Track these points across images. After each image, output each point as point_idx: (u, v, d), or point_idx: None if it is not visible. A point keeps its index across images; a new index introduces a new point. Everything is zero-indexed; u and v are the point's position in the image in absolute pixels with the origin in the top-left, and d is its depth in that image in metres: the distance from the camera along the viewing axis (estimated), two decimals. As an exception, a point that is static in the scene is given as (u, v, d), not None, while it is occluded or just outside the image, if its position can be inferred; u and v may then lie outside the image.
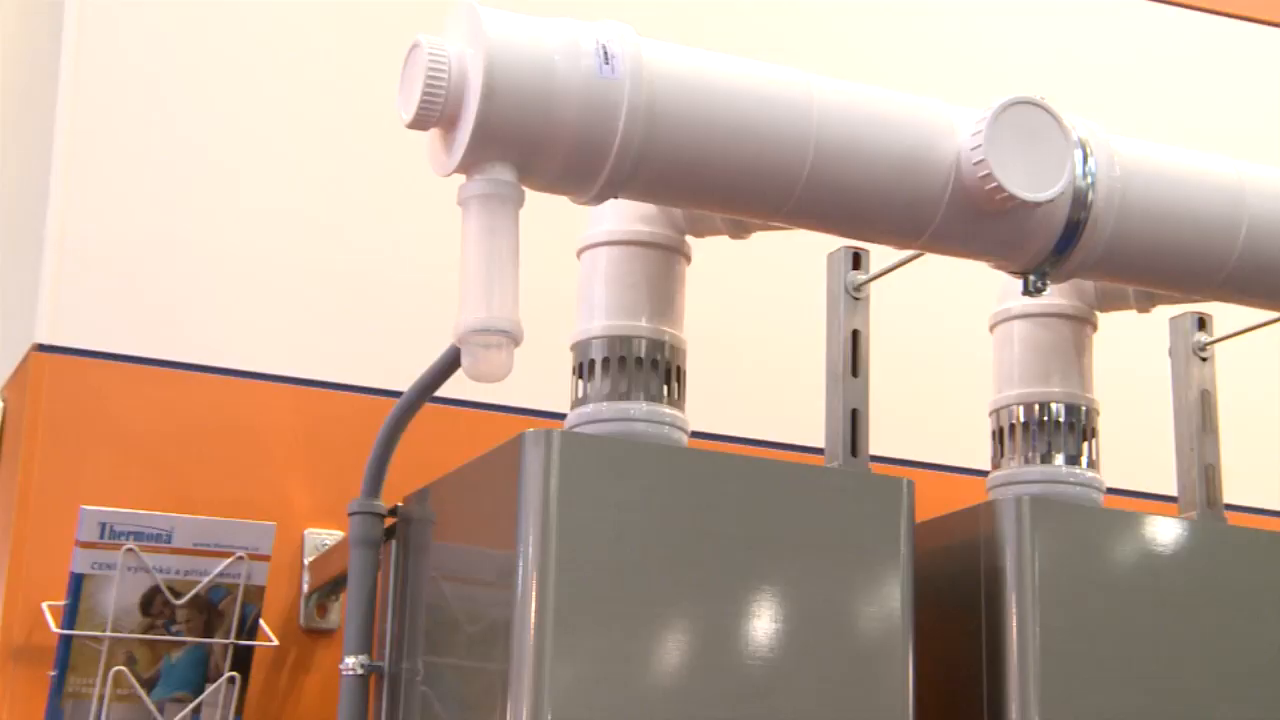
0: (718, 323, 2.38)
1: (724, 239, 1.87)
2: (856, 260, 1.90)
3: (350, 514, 1.92)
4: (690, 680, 1.62)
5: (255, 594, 1.98)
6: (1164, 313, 2.05)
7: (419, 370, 1.88)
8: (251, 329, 2.24)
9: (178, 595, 1.94)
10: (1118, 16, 2.93)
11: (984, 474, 1.98)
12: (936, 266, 1.92)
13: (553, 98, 1.54)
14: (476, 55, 1.53)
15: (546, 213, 1.75)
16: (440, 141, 1.60)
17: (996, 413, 1.97)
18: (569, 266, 1.88)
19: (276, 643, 2.07)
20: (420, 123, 1.57)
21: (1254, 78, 2.99)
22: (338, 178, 2.34)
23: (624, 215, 1.82)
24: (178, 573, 1.94)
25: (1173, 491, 2.06)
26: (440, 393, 1.90)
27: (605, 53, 1.56)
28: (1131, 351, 2.25)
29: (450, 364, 1.80)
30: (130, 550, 1.91)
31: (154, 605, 1.95)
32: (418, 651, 1.82)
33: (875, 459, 1.86)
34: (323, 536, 2.16)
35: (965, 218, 1.69)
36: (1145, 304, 1.97)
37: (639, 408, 1.77)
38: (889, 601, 1.70)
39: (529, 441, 1.63)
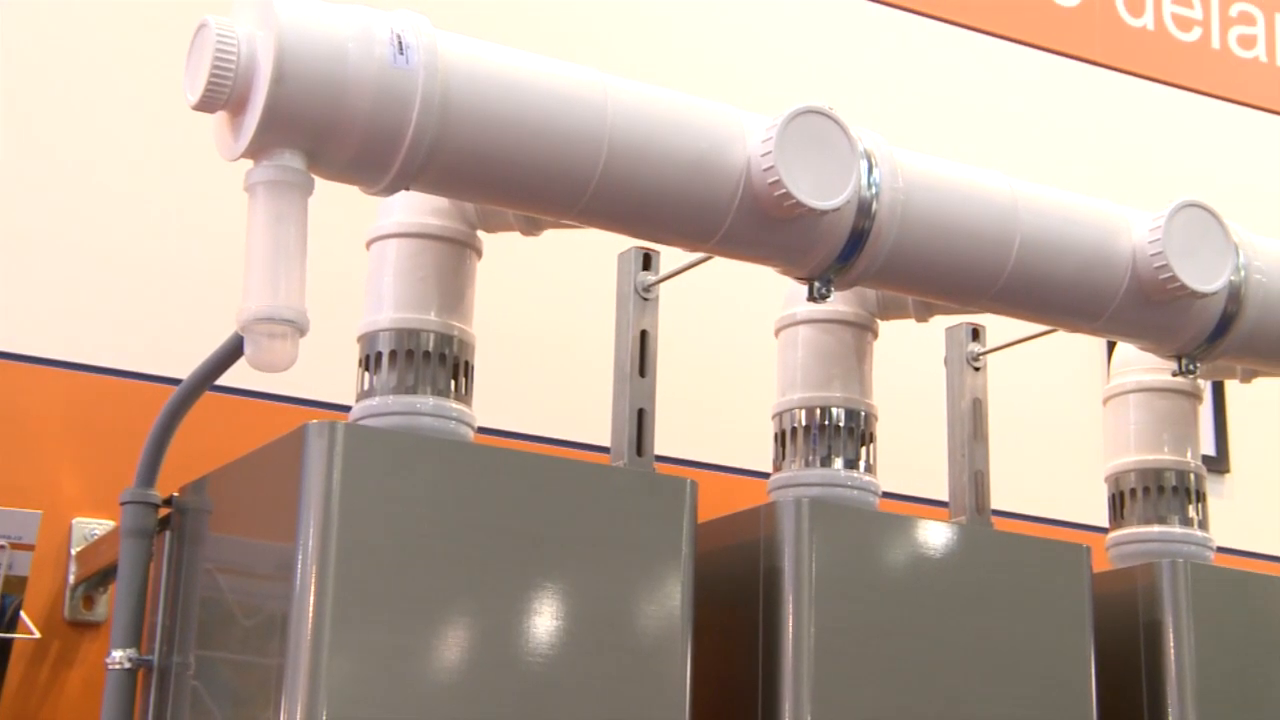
0: (507, 319, 2.38)
1: (516, 235, 1.86)
2: (647, 261, 1.91)
3: (122, 503, 1.87)
4: (470, 677, 1.61)
5: (16, 584, 1.91)
6: (941, 322, 2.11)
7: (199, 357, 1.83)
8: (19, 310, 2.16)
9: (-66, 585, 1.87)
10: (906, 34, 3.02)
11: (766, 476, 2.02)
12: (725, 270, 1.95)
13: (345, 86, 1.52)
14: (267, 38, 1.50)
15: (335, 202, 1.73)
16: (228, 125, 1.56)
17: (779, 416, 2.00)
18: (357, 257, 1.85)
19: (38, 635, 2.00)
20: (206, 105, 1.53)
21: (1038, 103, 3.11)
22: (119, 159, 2.27)
23: (415, 207, 1.80)
24: (-65, 561, 1.87)
25: (944, 496, 2.13)
26: (221, 381, 1.87)
27: (400, 43, 1.55)
28: (909, 359, 2.32)
29: (233, 352, 1.77)
30: (-116, 537, 1.83)
31: (-91, 594, 1.87)
32: (189, 645, 1.78)
33: (660, 459, 1.88)
34: (92, 526, 2.10)
35: (754, 223, 1.72)
36: (924, 313, 2.02)
37: (425, 402, 1.75)
38: (669, 600, 1.72)
39: (312, 433, 1.60)
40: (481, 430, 1.82)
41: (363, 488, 1.60)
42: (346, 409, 1.82)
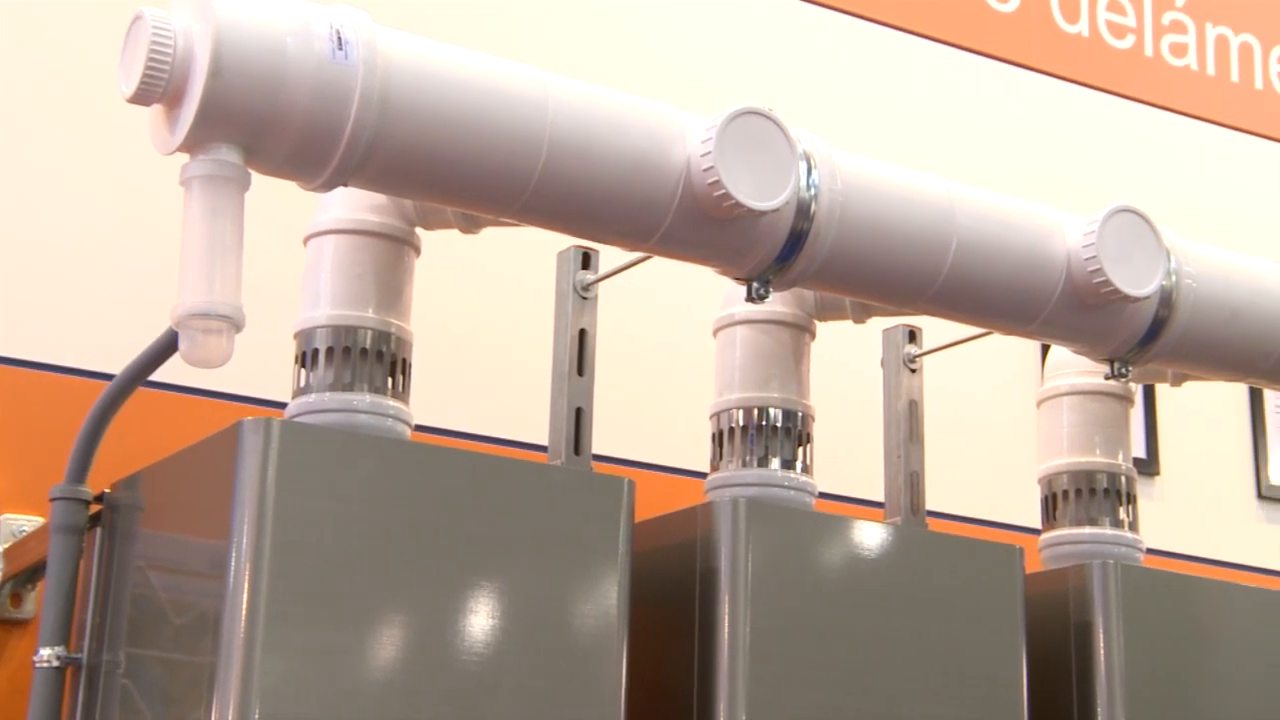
0: (446, 317, 2.37)
1: (455, 233, 1.86)
2: (586, 260, 1.91)
3: (52, 499, 1.84)
4: (405, 676, 1.60)
5: (-56, 582, 1.89)
6: (878, 324, 2.12)
7: (133, 352, 1.81)
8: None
9: None
10: (848, 37, 3.04)
11: (704, 475, 2.02)
12: (664, 270, 1.95)
13: (283, 80, 1.51)
14: (204, 31, 1.49)
15: (272, 197, 1.71)
16: (163, 118, 1.54)
17: (717, 416, 2.01)
18: (294, 253, 1.84)
19: (-35, 633, 1.97)
20: (142, 98, 1.51)
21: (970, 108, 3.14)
22: (51, 151, 2.24)
23: (353, 204, 1.79)
24: None
25: (880, 497, 2.14)
26: (155, 376, 1.85)
27: (339, 38, 1.54)
28: (846, 360, 2.33)
29: (167, 347, 1.75)
30: None
31: None
32: (120, 643, 1.76)
33: (598, 458, 1.88)
34: (20, 522, 2.07)
35: (693, 223, 1.72)
36: (861, 315, 2.03)
37: (362, 399, 1.74)
38: (605, 600, 1.72)
39: (247, 430, 1.59)
40: (419, 428, 1.82)
41: (298, 485, 1.59)
42: (282, 406, 1.81)
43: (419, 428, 1.82)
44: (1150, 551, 2.20)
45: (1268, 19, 3.51)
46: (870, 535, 1.91)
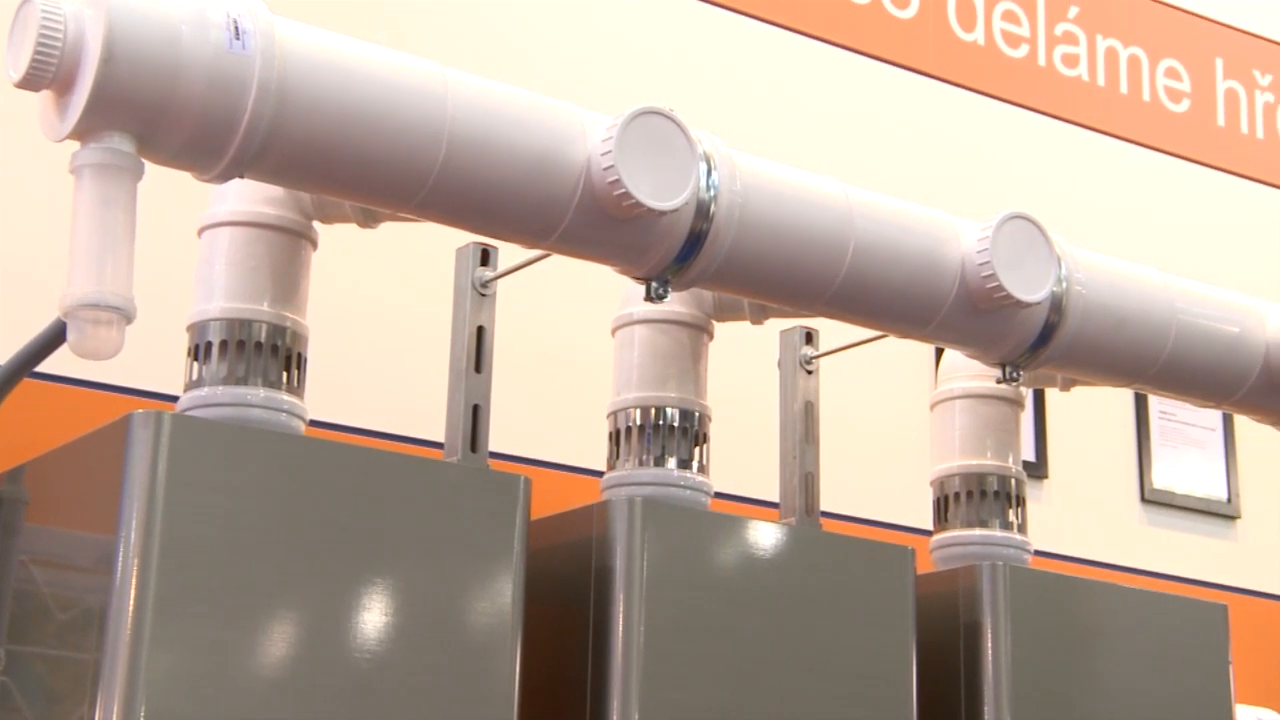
0: (342, 311, 2.35)
1: (353, 227, 1.84)
2: (485, 257, 1.91)
3: (-66, 493, 1.80)
4: (295, 673, 1.59)
5: None
6: (776, 325, 2.13)
7: (19, 342, 1.78)
8: None
9: None
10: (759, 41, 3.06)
11: (600, 474, 2.02)
12: (563, 268, 1.95)
13: (178, 69, 1.49)
14: (96, 17, 1.46)
15: (166, 187, 1.69)
16: (53, 105, 1.51)
17: (614, 415, 2.01)
18: (188, 244, 1.82)
19: None
20: (30, 83, 1.48)
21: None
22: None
23: (249, 196, 1.77)
24: None
25: (775, 497, 2.16)
26: (42, 368, 1.81)
27: (236, 27, 1.52)
28: (743, 361, 2.35)
29: (55, 338, 1.72)
30: None
31: None
32: (0, 639, 1.72)
33: (495, 455, 1.88)
34: (-99, 516, 2.02)
35: (593, 221, 1.72)
36: (759, 316, 2.05)
37: (256, 393, 1.72)
38: (500, 598, 1.71)
39: (137, 423, 1.57)
40: (314, 424, 1.80)
41: (189, 480, 1.57)
42: (174, 399, 1.78)
43: (314, 423, 1.80)
44: (1038, 553, 2.24)
45: (1156, 32, 3.58)
46: (765, 535, 1.92)
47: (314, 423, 1.80)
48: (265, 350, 1.74)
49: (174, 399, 1.78)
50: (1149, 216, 3.45)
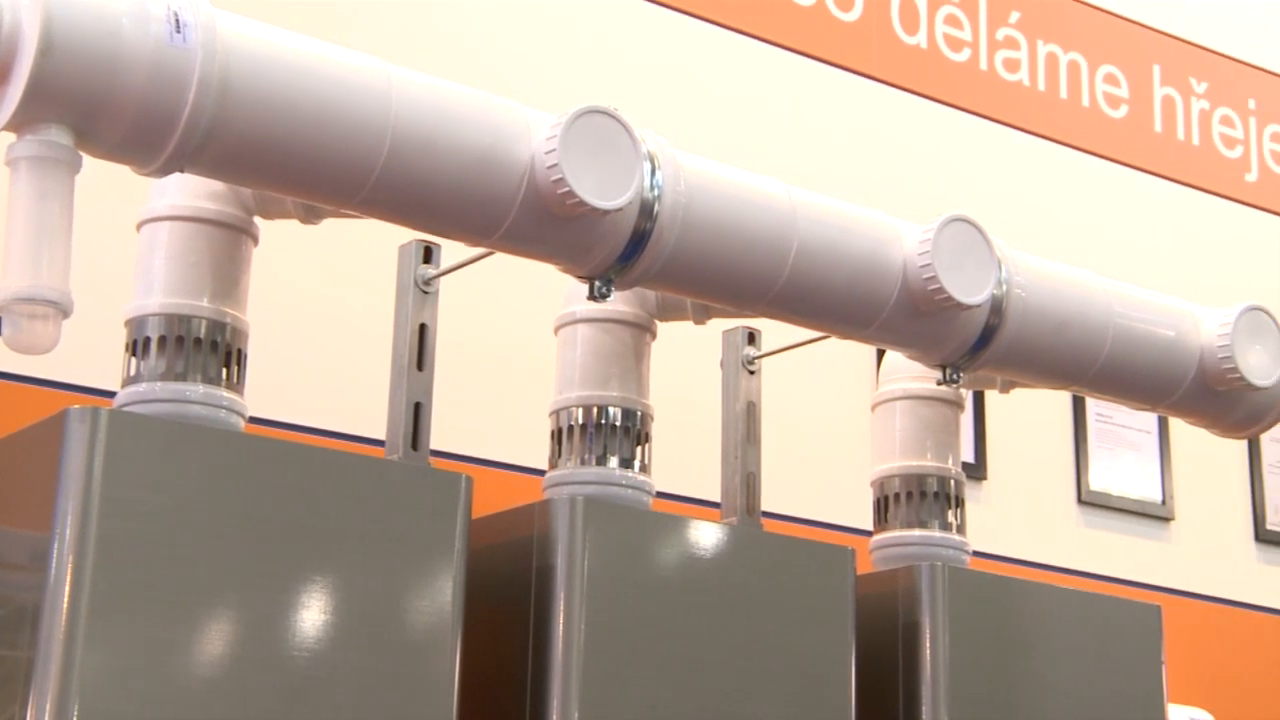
0: (284, 307, 2.34)
1: (295, 222, 1.83)
2: (427, 254, 1.90)
3: None
4: (232, 672, 1.57)
5: None
6: (718, 325, 2.14)
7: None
8: None
9: None
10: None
11: (542, 473, 2.02)
12: (507, 266, 1.94)
13: (117, 61, 1.47)
14: (34, 7, 1.45)
15: (104, 181, 1.67)
16: (-11, 95, 1.50)
17: (556, 413, 2.01)
18: (126, 238, 1.80)
19: None
20: (-32, 73, 1.47)
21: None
22: None
23: (189, 190, 1.75)
24: None
25: (717, 497, 2.16)
26: (-24, 363, 1.79)
27: (177, 20, 1.51)
28: (686, 361, 2.35)
29: (-11, 333, 1.70)
30: None
31: None
32: (-67, 638, 1.70)
33: (436, 454, 1.87)
34: None
35: (537, 220, 1.72)
36: (702, 316, 2.05)
37: (195, 389, 1.71)
38: (441, 596, 1.71)
39: (73, 418, 1.55)
40: (254, 420, 1.79)
41: (126, 476, 1.55)
42: (111, 395, 1.76)
43: (254, 420, 1.79)
44: (976, 554, 2.26)
45: (1095, 38, 3.62)
46: (706, 535, 1.92)
47: (254, 420, 1.79)
48: (205, 346, 1.72)
49: (111, 395, 1.76)
50: (1087, 220, 3.49)
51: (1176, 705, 2.90)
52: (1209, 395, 2.20)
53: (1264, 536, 3.54)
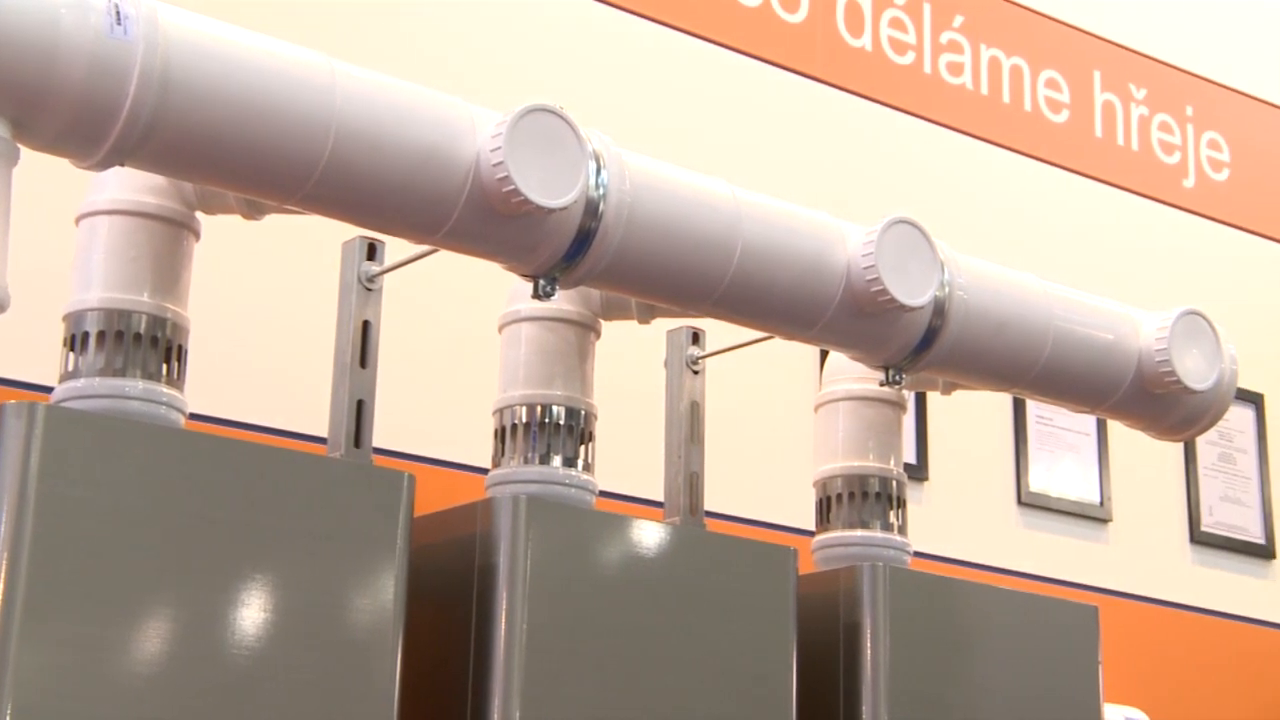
0: (225, 303, 2.32)
1: (237, 218, 1.82)
2: (371, 251, 1.89)
3: None
4: (171, 671, 1.56)
5: None
6: (663, 325, 2.14)
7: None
8: None
9: None
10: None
11: (485, 471, 2.02)
12: (451, 264, 1.94)
13: (56, 53, 1.46)
14: (-28, -2, 1.43)
15: (43, 174, 1.65)
16: (-75, 86, 1.48)
17: (500, 412, 2.00)
18: (65, 232, 1.78)
19: None
20: (-97, 64, 1.44)
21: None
22: None
23: (129, 184, 1.74)
24: None
25: (660, 497, 2.16)
26: (-90, 358, 1.76)
27: (118, 12, 1.49)
28: (630, 360, 2.35)
29: (-76, 327, 1.67)
30: None
31: None
32: None
33: (378, 451, 1.86)
34: None
35: (481, 218, 1.71)
36: (646, 316, 2.05)
37: (134, 385, 1.69)
38: (382, 594, 1.70)
39: (9, 414, 1.53)
40: (194, 417, 1.77)
41: (63, 472, 1.53)
42: (49, 390, 1.74)
43: (194, 416, 1.77)
44: (917, 554, 2.27)
45: (1038, 44, 3.65)
46: (649, 534, 1.92)
47: (194, 416, 1.77)
48: (145, 341, 1.71)
49: (49, 390, 1.74)
50: (1028, 223, 3.52)
51: (1112, 704, 2.93)
52: (1146, 398, 2.23)
53: (1199, 538, 3.59)
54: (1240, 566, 3.64)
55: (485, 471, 2.01)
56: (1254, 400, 3.72)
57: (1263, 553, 3.67)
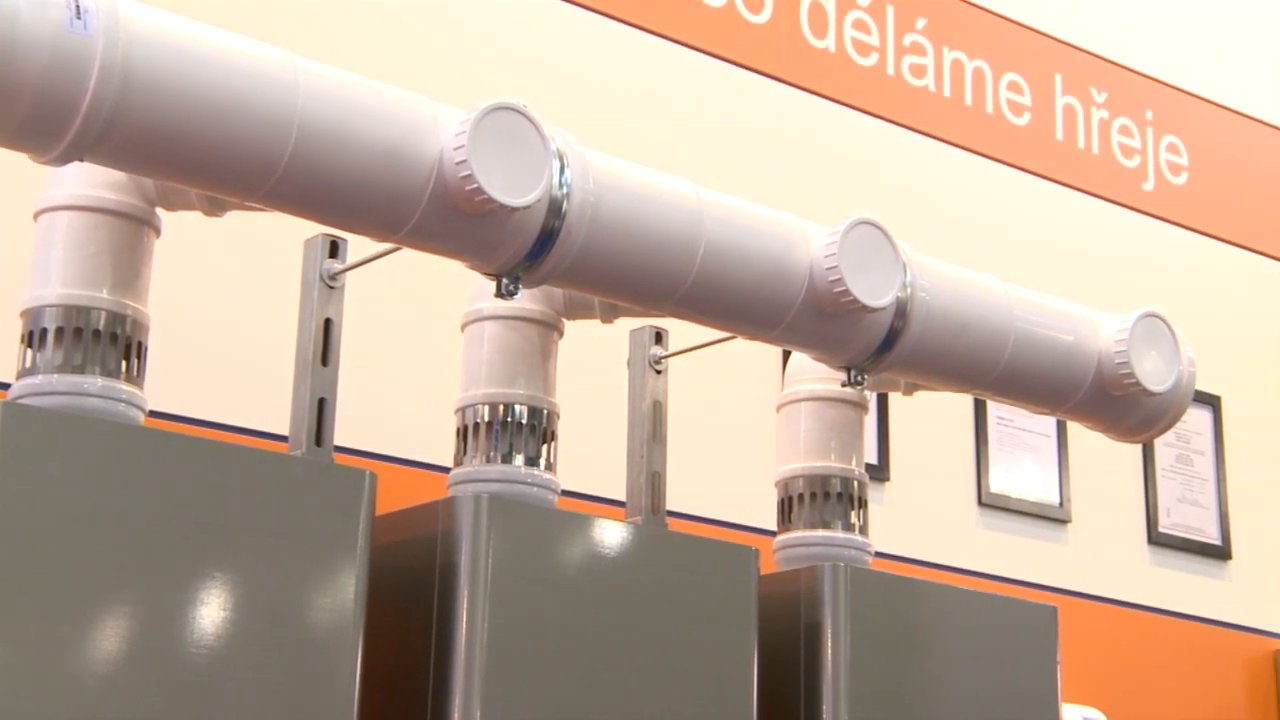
0: (186, 300, 2.30)
1: (199, 214, 1.81)
2: (334, 249, 1.88)
3: None
4: (129, 670, 1.55)
5: None
6: (626, 324, 2.14)
7: None
8: None
9: None
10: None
11: (447, 470, 2.01)
12: (414, 262, 1.93)
13: (14, 47, 1.44)
14: (-70, -9, 1.42)
15: None
16: (-117, 79, 1.46)
17: (462, 411, 2.00)
18: (23, 227, 1.76)
19: None
20: None
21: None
22: None
23: (89, 180, 1.72)
24: None
25: (622, 496, 2.16)
26: None
27: (77, 6, 1.48)
28: (593, 360, 2.35)
29: (-121, 322, 1.66)
30: None
31: None
32: None
33: (339, 449, 1.85)
34: None
35: (445, 216, 1.71)
36: (609, 315, 2.05)
37: (93, 382, 1.68)
38: (343, 593, 1.69)
39: (-35, 411, 1.52)
40: (154, 415, 1.76)
41: (20, 469, 1.52)
42: (5, 387, 1.73)
43: (154, 414, 1.76)
44: (879, 555, 2.28)
45: (1000, 47, 3.67)
46: (611, 534, 1.92)
47: (154, 413, 1.76)
48: (104, 338, 1.70)
49: (5, 387, 1.72)
50: (989, 225, 3.53)
51: (1070, 704, 2.94)
52: (1106, 400, 2.24)
53: (1157, 539, 3.61)
54: (1197, 567, 3.67)
55: (447, 470, 2.01)
56: (1211, 402, 3.75)
57: (1219, 554, 3.70)
